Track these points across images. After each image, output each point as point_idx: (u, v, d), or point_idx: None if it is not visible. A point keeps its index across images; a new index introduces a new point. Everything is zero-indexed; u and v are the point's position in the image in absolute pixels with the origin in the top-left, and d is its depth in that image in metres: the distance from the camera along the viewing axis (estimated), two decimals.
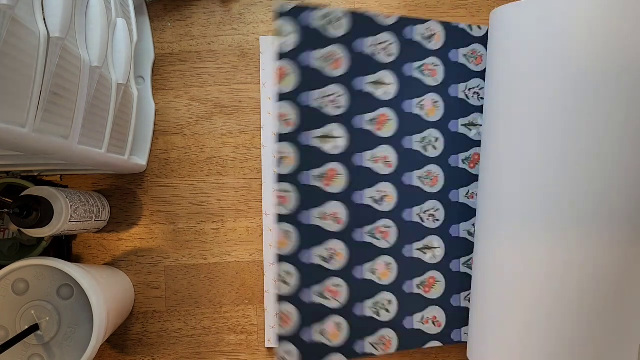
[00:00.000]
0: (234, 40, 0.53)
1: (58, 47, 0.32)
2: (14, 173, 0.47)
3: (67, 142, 0.35)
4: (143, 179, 0.52)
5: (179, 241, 0.52)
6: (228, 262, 0.52)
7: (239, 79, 0.53)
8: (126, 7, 0.46)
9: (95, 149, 0.40)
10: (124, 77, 0.43)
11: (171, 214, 0.52)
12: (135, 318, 0.51)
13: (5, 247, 0.47)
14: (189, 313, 0.51)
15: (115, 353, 0.51)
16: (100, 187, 0.52)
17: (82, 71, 0.36)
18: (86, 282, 0.41)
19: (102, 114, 0.41)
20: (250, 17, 0.53)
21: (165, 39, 0.53)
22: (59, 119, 0.34)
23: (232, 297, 0.51)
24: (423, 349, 0.51)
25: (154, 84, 0.53)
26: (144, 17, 0.52)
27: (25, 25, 0.28)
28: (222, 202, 0.52)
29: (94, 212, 0.47)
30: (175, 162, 0.52)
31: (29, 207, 0.40)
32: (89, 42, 0.37)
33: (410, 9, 0.53)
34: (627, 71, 0.41)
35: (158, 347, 0.51)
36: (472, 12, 0.54)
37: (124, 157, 0.47)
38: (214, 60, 0.53)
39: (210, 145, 0.52)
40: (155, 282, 0.51)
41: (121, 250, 0.52)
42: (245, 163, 0.52)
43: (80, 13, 0.37)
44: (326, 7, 0.44)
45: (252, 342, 0.51)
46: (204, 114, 0.53)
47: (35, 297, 0.42)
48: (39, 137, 0.31)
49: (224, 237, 0.52)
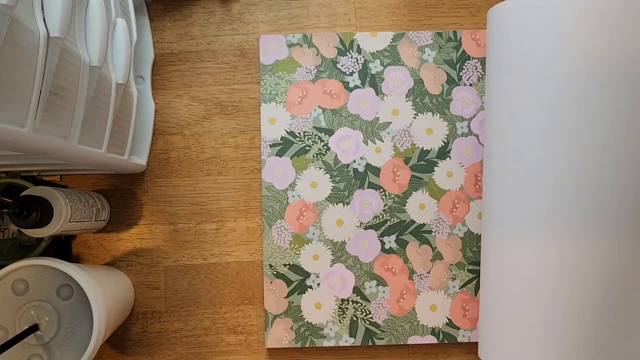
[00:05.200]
0: (234, 40, 0.53)
1: (58, 47, 0.32)
2: (13, 173, 0.47)
3: (67, 142, 0.35)
4: (143, 179, 0.52)
5: (179, 241, 0.52)
6: (228, 262, 0.52)
7: (239, 79, 0.53)
8: (126, 6, 0.46)
9: (94, 149, 0.40)
10: (124, 77, 0.43)
11: (171, 214, 0.52)
12: (135, 318, 0.51)
13: (5, 247, 0.47)
14: (189, 313, 0.51)
15: (115, 353, 0.51)
16: (100, 187, 0.52)
17: (81, 71, 0.36)
18: (86, 282, 0.41)
19: (101, 114, 0.41)
20: (250, 17, 0.53)
21: (165, 39, 0.53)
22: (58, 119, 0.34)
23: (232, 297, 0.51)
24: (423, 349, 0.51)
25: (153, 84, 0.53)
26: (144, 17, 0.52)
27: (25, 25, 0.28)
28: (222, 202, 0.52)
29: (93, 212, 0.47)
30: (175, 162, 0.52)
31: (29, 207, 0.40)
32: (88, 42, 0.37)
33: (411, 8, 0.53)
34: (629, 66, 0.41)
35: (158, 347, 0.51)
36: (472, 12, 0.53)
37: (124, 157, 0.47)
38: (213, 60, 0.53)
39: (210, 145, 0.52)
40: (155, 282, 0.51)
41: (121, 250, 0.52)
42: (245, 163, 0.52)
43: (80, 13, 0.37)
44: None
45: (252, 343, 0.51)
46: (204, 114, 0.53)
47: (35, 297, 0.42)
48: (39, 137, 0.31)
49: (223, 237, 0.52)
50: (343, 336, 0.50)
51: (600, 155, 0.41)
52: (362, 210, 0.51)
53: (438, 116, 0.52)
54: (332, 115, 0.52)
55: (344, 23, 0.53)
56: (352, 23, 0.53)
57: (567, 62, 0.41)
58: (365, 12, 0.53)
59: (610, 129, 0.41)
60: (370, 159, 0.52)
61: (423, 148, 0.52)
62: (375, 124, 0.52)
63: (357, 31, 0.53)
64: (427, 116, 0.52)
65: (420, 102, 0.52)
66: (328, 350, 0.51)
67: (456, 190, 0.52)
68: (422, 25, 0.53)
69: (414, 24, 0.53)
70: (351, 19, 0.53)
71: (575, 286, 0.42)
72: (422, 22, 0.53)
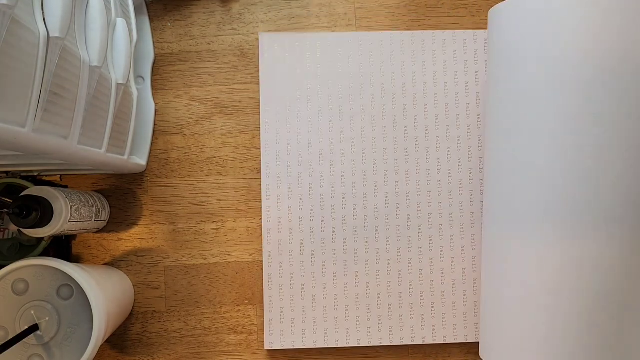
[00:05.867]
0: (234, 40, 0.53)
1: (58, 47, 0.32)
2: (14, 173, 0.47)
3: (67, 142, 0.35)
4: (143, 179, 0.52)
5: (179, 241, 0.52)
6: (228, 262, 0.52)
7: (239, 78, 0.53)
8: (126, 6, 0.46)
9: (95, 149, 0.40)
10: (124, 77, 0.43)
11: (171, 214, 0.52)
12: (135, 318, 0.51)
13: (5, 247, 0.47)
14: (189, 313, 0.51)
15: (115, 353, 0.51)
16: (100, 187, 0.52)
17: (81, 71, 0.36)
18: (86, 282, 0.41)
19: (101, 114, 0.41)
20: (250, 17, 0.53)
21: (165, 39, 0.53)
22: (58, 119, 0.34)
23: (232, 297, 0.51)
24: (423, 349, 0.51)
25: (153, 84, 0.53)
26: (144, 17, 0.52)
27: (25, 25, 0.28)
28: (222, 202, 0.52)
29: (93, 212, 0.47)
30: (175, 162, 0.52)
31: (29, 207, 0.40)
32: (88, 42, 0.37)
33: (411, 8, 0.53)
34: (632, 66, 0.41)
35: (158, 347, 0.51)
36: (472, 11, 0.53)
37: (124, 157, 0.47)
38: (214, 60, 0.53)
39: (210, 145, 0.52)
40: (155, 282, 0.51)
41: (121, 251, 0.52)
42: (245, 163, 0.52)
43: (80, 13, 0.37)
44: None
45: (252, 343, 0.51)
46: (204, 114, 0.53)
47: (35, 297, 0.42)
48: (39, 137, 0.31)
49: (223, 237, 0.52)
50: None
51: (602, 154, 0.41)
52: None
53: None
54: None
55: (344, 23, 0.53)
56: (352, 23, 0.53)
57: (569, 62, 0.41)
58: (365, 12, 0.53)
59: (611, 129, 0.41)
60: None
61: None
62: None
63: (357, 31, 0.53)
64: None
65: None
66: (328, 350, 0.51)
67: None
68: (422, 25, 0.53)
69: (414, 24, 0.53)
70: (351, 19, 0.53)
71: (576, 286, 0.42)
72: (422, 22, 0.53)
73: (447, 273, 0.51)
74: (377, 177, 0.51)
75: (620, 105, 0.41)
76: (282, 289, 0.51)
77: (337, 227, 0.51)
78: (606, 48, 0.41)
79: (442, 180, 0.51)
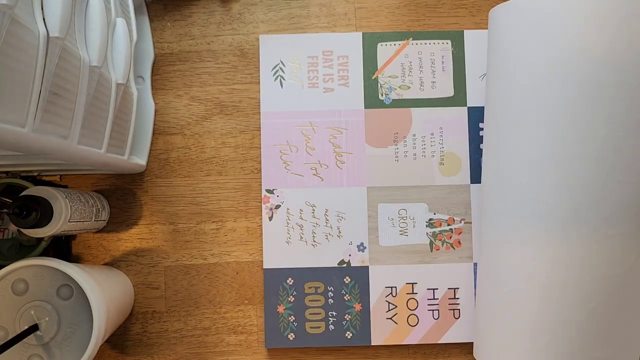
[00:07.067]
0: (234, 40, 0.53)
1: (57, 47, 0.32)
2: (13, 173, 0.47)
3: (67, 142, 0.35)
4: (143, 179, 0.52)
5: (179, 241, 0.52)
6: (228, 262, 0.52)
7: (238, 78, 0.53)
8: (126, 6, 0.46)
9: (94, 149, 0.40)
10: (124, 77, 0.43)
11: (171, 214, 0.52)
12: (135, 318, 0.51)
13: (5, 247, 0.47)
14: (189, 313, 0.51)
15: (115, 353, 0.51)
16: (100, 187, 0.52)
17: (81, 71, 0.36)
18: (86, 282, 0.41)
19: (101, 114, 0.41)
20: (250, 17, 0.53)
21: (165, 39, 0.53)
22: (58, 119, 0.34)
23: (231, 297, 0.51)
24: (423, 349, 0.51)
25: (153, 84, 0.53)
26: (144, 17, 0.52)
27: (25, 25, 0.28)
28: (222, 202, 0.52)
29: (93, 212, 0.47)
30: (175, 162, 0.52)
31: (29, 207, 0.40)
32: (88, 41, 0.37)
33: (411, 8, 0.53)
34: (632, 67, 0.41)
35: (158, 347, 0.51)
36: (472, 11, 0.53)
37: (124, 157, 0.47)
38: (213, 60, 0.53)
39: (210, 145, 0.52)
40: (155, 282, 0.51)
41: (121, 251, 0.52)
42: (245, 163, 0.52)
43: (80, 13, 0.37)
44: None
45: (252, 343, 0.51)
46: (204, 114, 0.52)
47: (34, 297, 0.42)
48: (39, 137, 0.31)
49: (223, 237, 0.52)
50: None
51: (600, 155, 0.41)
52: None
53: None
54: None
55: (344, 23, 0.53)
56: (352, 23, 0.53)
57: (570, 63, 0.41)
58: (365, 12, 0.53)
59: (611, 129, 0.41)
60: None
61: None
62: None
63: (357, 31, 0.53)
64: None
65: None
66: (328, 350, 0.51)
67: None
68: (422, 25, 0.53)
69: (414, 24, 0.53)
70: (351, 19, 0.53)
71: (571, 287, 0.42)
72: (422, 22, 0.53)
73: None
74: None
75: (619, 105, 0.41)
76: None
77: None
78: (606, 48, 0.41)
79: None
